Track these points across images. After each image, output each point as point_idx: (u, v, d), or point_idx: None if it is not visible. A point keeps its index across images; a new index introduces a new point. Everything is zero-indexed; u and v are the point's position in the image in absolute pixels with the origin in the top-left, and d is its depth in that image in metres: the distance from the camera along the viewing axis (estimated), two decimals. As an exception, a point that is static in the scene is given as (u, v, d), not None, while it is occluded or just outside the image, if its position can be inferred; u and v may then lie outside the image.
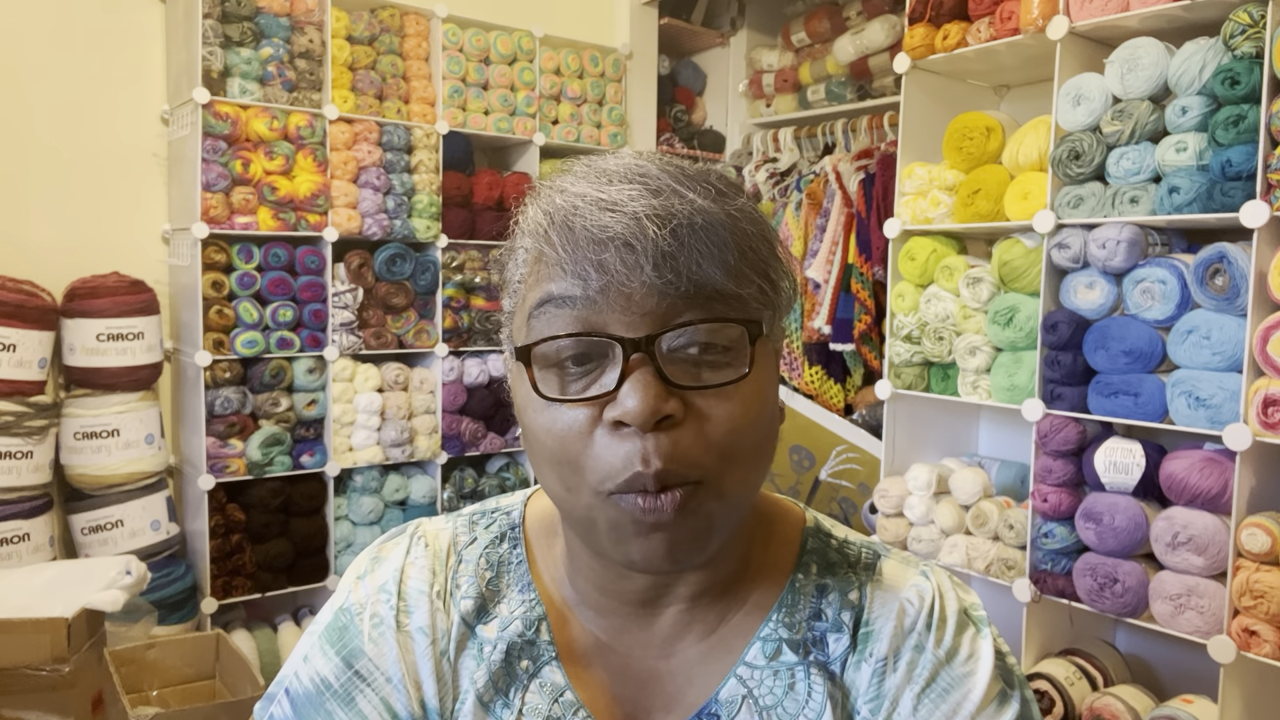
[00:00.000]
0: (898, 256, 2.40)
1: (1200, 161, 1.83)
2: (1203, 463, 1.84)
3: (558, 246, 0.54)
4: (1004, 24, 2.16)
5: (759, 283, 0.55)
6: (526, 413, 0.57)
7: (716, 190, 0.55)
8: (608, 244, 0.52)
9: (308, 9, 2.76)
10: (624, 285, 0.52)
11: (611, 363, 0.54)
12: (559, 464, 0.55)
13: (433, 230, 2.99)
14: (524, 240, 0.58)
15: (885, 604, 0.64)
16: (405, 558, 0.68)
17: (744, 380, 0.55)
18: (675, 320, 0.53)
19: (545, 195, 0.57)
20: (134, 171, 2.78)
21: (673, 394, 0.53)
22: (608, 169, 0.56)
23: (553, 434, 0.55)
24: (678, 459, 0.53)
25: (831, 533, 0.69)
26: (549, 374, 0.55)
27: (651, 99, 3.60)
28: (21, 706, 1.93)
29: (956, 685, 0.61)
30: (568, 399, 0.54)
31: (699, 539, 0.55)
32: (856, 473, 2.81)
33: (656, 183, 0.54)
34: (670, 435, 0.53)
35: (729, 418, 0.54)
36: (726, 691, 0.62)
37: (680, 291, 0.53)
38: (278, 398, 2.77)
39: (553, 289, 0.54)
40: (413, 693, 0.63)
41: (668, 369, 0.53)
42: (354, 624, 0.65)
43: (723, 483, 0.55)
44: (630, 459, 0.52)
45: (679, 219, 0.52)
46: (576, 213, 0.54)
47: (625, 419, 0.52)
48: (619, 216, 0.52)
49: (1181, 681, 2.13)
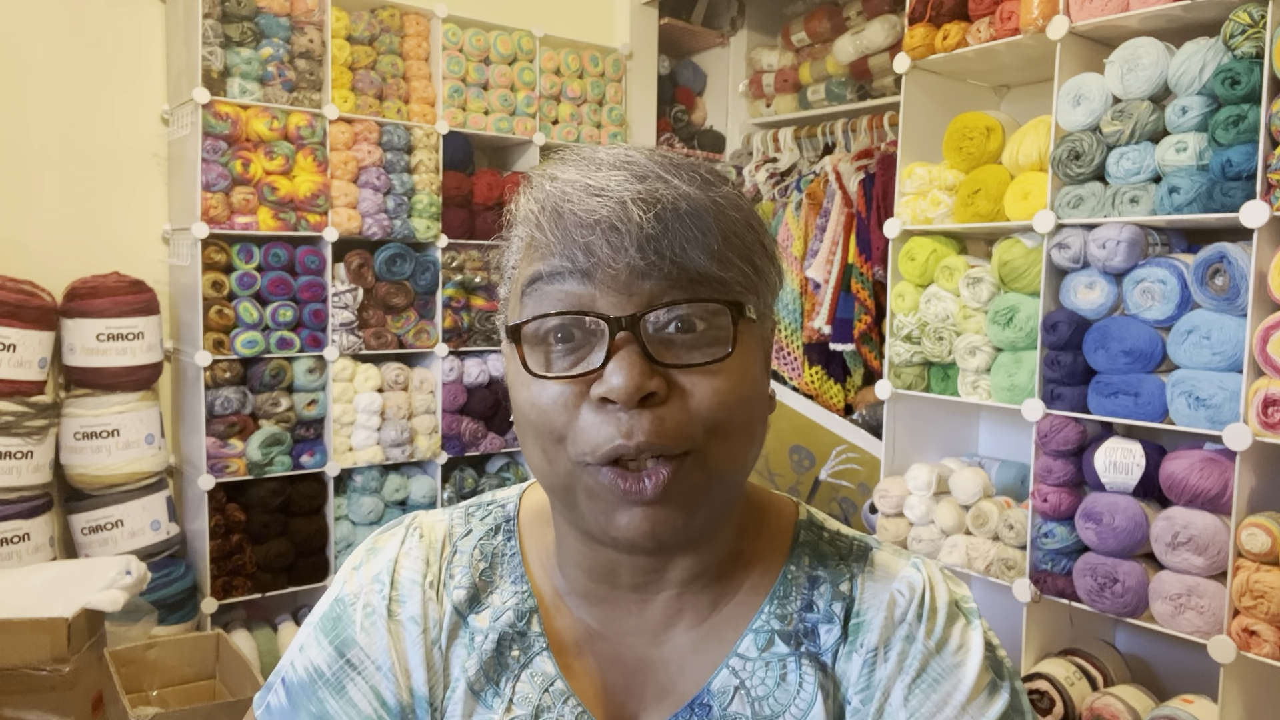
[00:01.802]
0: (898, 256, 2.40)
1: (1200, 161, 1.83)
2: (1203, 463, 1.84)
3: (547, 231, 0.56)
4: (1004, 24, 2.16)
5: (742, 266, 0.57)
6: (515, 388, 0.59)
7: (702, 178, 0.57)
8: (594, 227, 0.54)
9: (308, 9, 2.76)
10: (610, 266, 0.54)
11: (598, 341, 0.55)
12: (541, 435, 0.57)
13: (433, 230, 2.99)
14: (517, 229, 0.61)
15: (876, 595, 0.64)
16: (400, 548, 0.69)
17: (728, 359, 0.56)
18: (660, 301, 0.55)
19: (537, 183, 0.59)
20: (134, 171, 2.78)
21: (657, 372, 0.55)
22: (597, 157, 0.58)
23: (537, 407, 0.57)
24: (662, 433, 0.54)
25: (824, 525, 0.70)
26: (537, 351, 0.57)
27: (651, 99, 3.60)
28: (21, 706, 1.92)
29: (947, 675, 0.61)
30: (554, 375, 0.56)
31: (682, 514, 0.56)
32: (856, 473, 2.81)
33: (643, 169, 0.56)
34: (655, 411, 0.54)
35: (714, 393, 0.55)
36: (719, 682, 0.63)
37: (664, 273, 0.54)
38: (278, 398, 2.77)
39: (542, 269, 0.56)
40: (402, 680, 0.64)
41: (652, 348, 0.55)
42: (347, 614, 0.66)
43: (709, 455, 0.56)
44: (613, 433, 0.54)
45: (664, 204, 0.54)
46: (565, 198, 0.56)
47: (610, 395, 0.54)
48: (605, 201, 0.54)
49: (1181, 681, 2.13)
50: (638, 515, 0.55)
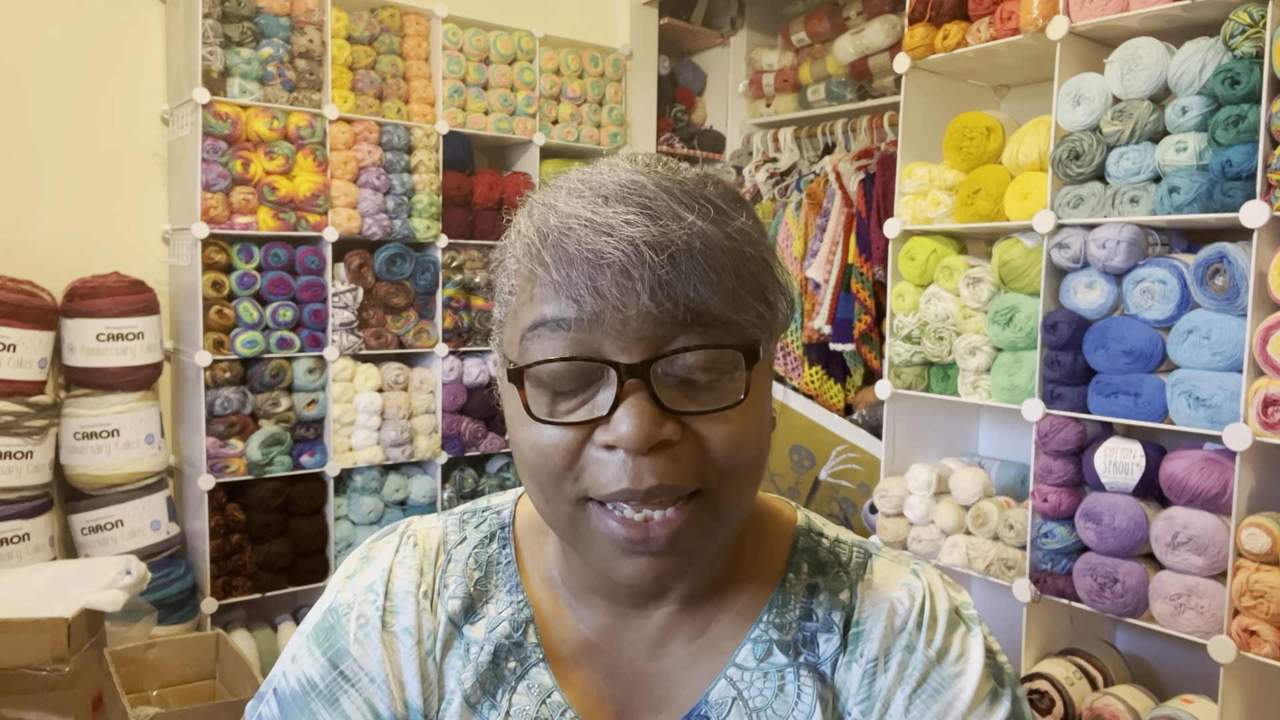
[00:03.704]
0: (898, 256, 2.40)
1: (1200, 161, 1.83)
2: (1203, 463, 1.84)
3: (551, 269, 0.52)
4: (1004, 24, 2.16)
5: (756, 306, 0.54)
6: (514, 425, 0.57)
7: (715, 209, 0.53)
8: (604, 269, 0.51)
9: (308, 9, 2.76)
10: (619, 311, 0.51)
11: (605, 385, 0.53)
12: (539, 476, 0.56)
13: (433, 230, 2.99)
14: (515, 253, 0.57)
15: (875, 604, 0.64)
16: (394, 557, 0.68)
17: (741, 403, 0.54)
18: (671, 346, 0.52)
19: (538, 212, 0.56)
20: (134, 171, 2.78)
21: (668, 418, 0.52)
22: (603, 185, 0.54)
23: (538, 449, 0.55)
24: (674, 475, 0.52)
25: (823, 532, 0.69)
26: (540, 393, 0.55)
27: (651, 99, 3.60)
28: (21, 706, 1.93)
29: (948, 685, 0.61)
30: (559, 422, 0.54)
31: (687, 560, 0.55)
32: (856, 473, 2.81)
33: (653, 204, 0.52)
34: (665, 454, 0.52)
35: (726, 438, 0.54)
36: (716, 693, 0.62)
37: (676, 319, 0.52)
38: (278, 398, 2.77)
39: (546, 312, 0.53)
40: (396, 693, 0.63)
41: (663, 393, 0.52)
42: (340, 624, 0.65)
43: (720, 496, 0.55)
44: (619, 476, 0.52)
45: (677, 245, 0.51)
46: (569, 234, 0.52)
47: (619, 444, 0.52)
48: (614, 241, 0.51)
49: (1181, 681, 2.13)
50: (643, 564, 0.54)
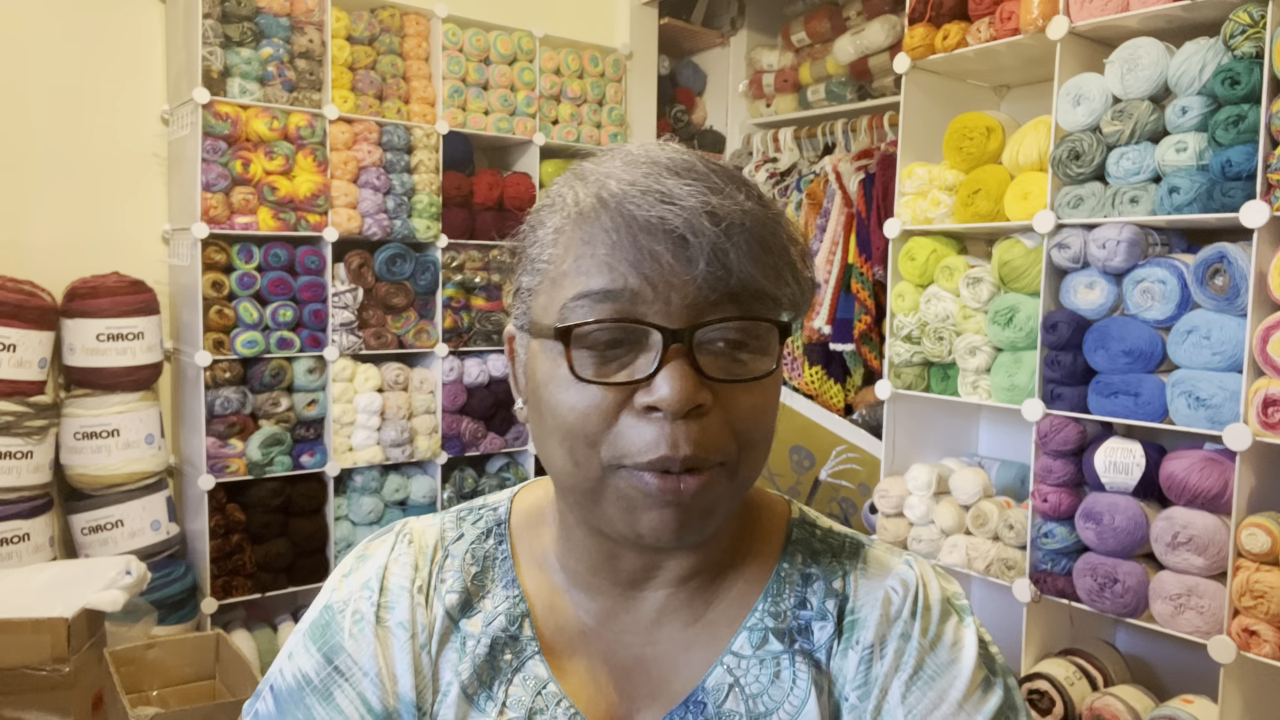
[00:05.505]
0: (898, 256, 2.40)
1: (1200, 161, 1.83)
2: (1203, 463, 1.84)
3: (611, 231, 0.55)
4: (1004, 24, 2.16)
5: (792, 285, 0.58)
6: (549, 388, 0.58)
7: (756, 192, 0.58)
8: (664, 236, 0.54)
9: (308, 9, 2.76)
10: (673, 277, 0.54)
11: (646, 349, 0.56)
12: (573, 438, 0.57)
13: (433, 230, 2.99)
14: (559, 219, 0.59)
15: (870, 592, 0.65)
16: (389, 554, 0.69)
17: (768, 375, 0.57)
18: (713, 314, 0.55)
19: (594, 179, 0.58)
20: (134, 171, 2.78)
21: (705, 385, 0.55)
22: (657, 159, 0.57)
23: (576, 410, 0.56)
24: (705, 445, 0.55)
25: (816, 522, 0.71)
26: (581, 354, 0.56)
27: (651, 99, 3.60)
28: (21, 706, 1.93)
29: (942, 673, 0.62)
30: (603, 381, 0.56)
31: (707, 516, 0.58)
32: (856, 473, 2.81)
33: (710, 180, 0.56)
34: (699, 423, 0.55)
35: (753, 408, 0.57)
36: (713, 680, 0.63)
37: (725, 288, 0.55)
38: (278, 398, 2.77)
39: (599, 276, 0.55)
40: (388, 685, 0.64)
41: (701, 360, 0.55)
42: (336, 621, 0.66)
43: (739, 466, 0.58)
44: (658, 442, 0.54)
45: (732, 219, 0.55)
46: (631, 200, 0.55)
47: (660, 405, 0.54)
48: (677, 210, 0.54)
49: (1181, 681, 2.13)
50: (669, 515, 0.56)
